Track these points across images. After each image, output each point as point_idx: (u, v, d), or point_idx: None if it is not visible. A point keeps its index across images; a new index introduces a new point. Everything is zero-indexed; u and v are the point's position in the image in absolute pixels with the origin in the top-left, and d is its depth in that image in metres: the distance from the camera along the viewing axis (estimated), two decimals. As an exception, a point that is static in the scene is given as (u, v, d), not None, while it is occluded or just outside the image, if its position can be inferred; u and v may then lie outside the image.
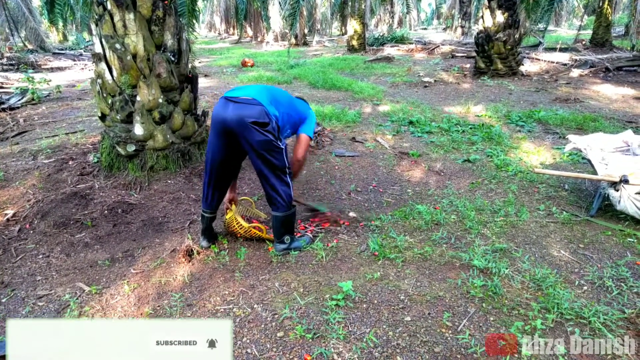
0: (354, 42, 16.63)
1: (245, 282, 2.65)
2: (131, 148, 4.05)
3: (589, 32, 15.40)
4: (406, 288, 2.52)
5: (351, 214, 3.52)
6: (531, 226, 3.27)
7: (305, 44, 22.82)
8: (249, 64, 12.98)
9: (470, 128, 5.89)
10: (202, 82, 9.77)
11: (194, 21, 7.76)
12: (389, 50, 16.29)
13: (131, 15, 3.86)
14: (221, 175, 2.90)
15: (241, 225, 3.03)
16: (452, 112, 6.89)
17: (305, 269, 2.77)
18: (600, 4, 14.57)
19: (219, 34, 37.69)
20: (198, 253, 2.99)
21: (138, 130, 4.03)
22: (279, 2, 21.24)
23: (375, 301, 2.40)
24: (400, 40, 18.90)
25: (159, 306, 2.46)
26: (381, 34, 21.13)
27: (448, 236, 3.13)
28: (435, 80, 9.86)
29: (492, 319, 2.23)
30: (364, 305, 2.36)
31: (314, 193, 4.03)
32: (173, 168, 4.23)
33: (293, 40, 21.98)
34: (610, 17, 14.40)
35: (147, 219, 3.56)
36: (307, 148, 3.06)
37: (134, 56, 3.96)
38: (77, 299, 2.57)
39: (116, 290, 2.64)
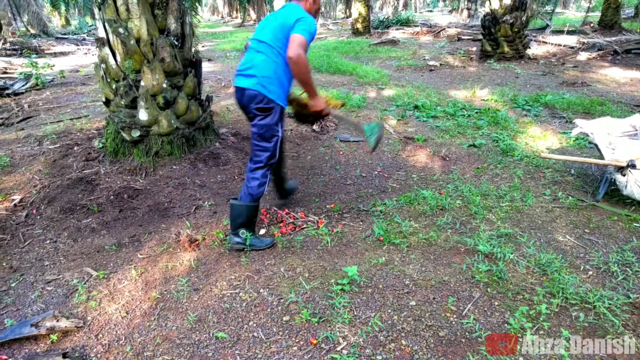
0: (359, 25, 16.41)
1: (251, 267, 2.67)
2: (136, 133, 4.04)
3: (598, 14, 15.09)
4: (411, 273, 2.53)
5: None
6: (537, 211, 3.26)
7: (310, 27, 22.55)
8: (253, 48, 12.85)
9: (476, 112, 5.84)
10: (206, 67, 9.70)
11: (197, 4, 7.68)
12: (394, 33, 16.08)
13: (134, -1, 3.81)
14: None
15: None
16: (458, 96, 6.83)
17: (311, 254, 2.78)
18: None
19: (222, 17, 37.36)
20: (204, 239, 3.01)
21: (142, 115, 4.02)
22: (282, -15, 20.96)
23: (381, 286, 2.41)
24: (406, 23, 18.63)
25: (166, 290, 2.49)
26: (386, 17, 20.83)
27: (453, 221, 3.13)
28: (440, 64, 9.75)
29: (496, 303, 2.24)
30: (369, 290, 2.38)
31: (319, 178, 4.03)
32: (178, 153, 4.23)
33: (297, 24, 21.70)
34: (619, -2, 14.09)
35: (152, 204, 3.58)
36: (300, 47, 2.49)
37: (138, 40, 3.93)
38: (84, 283, 2.61)
39: (123, 275, 2.67)
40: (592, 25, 14.37)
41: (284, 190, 3.46)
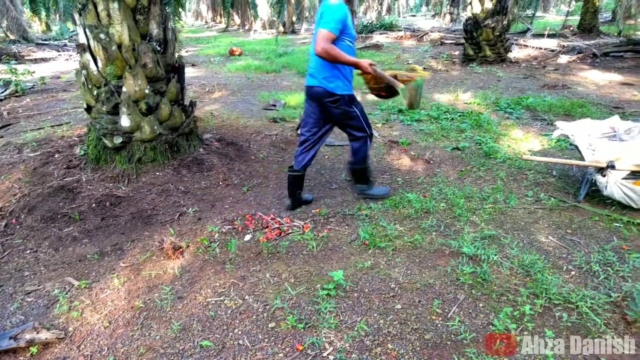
0: (343, 30, 16.48)
1: (236, 274, 2.65)
2: (118, 140, 3.99)
3: (577, 18, 15.43)
4: (397, 276, 2.53)
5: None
6: (519, 212, 3.30)
7: (294, 32, 22.61)
8: (237, 53, 12.84)
9: (459, 115, 5.90)
10: (189, 72, 9.66)
11: (180, 9, 7.64)
12: (377, 37, 16.20)
13: (115, 4, 3.77)
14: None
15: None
16: (441, 100, 6.90)
17: (296, 260, 2.78)
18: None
19: (205, 22, 37.19)
20: (188, 246, 2.98)
21: (124, 121, 3.97)
22: (267, -10, 20.99)
23: (366, 290, 2.41)
24: (389, 27, 18.80)
25: (149, 299, 2.45)
26: (370, 22, 20.98)
27: (438, 224, 3.15)
28: (424, 68, 9.84)
29: (481, 305, 2.26)
30: (355, 294, 2.38)
31: (304, 184, 4.02)
32: (161, 160, 4.18)
33: (281, 29, 21.75)
34: (597, 3, 14.44)
35: (135, 211, 3.53)
36: (324, 41, 2.73)
37: (119, 46, 3.89)
38: (66, 293, 2.55)
39: (106, 284, 2.63)
40: (571, 28, 14.70)
41: (297, 198, 3.51)
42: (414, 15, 39.74)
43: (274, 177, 4.18)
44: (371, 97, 7.12)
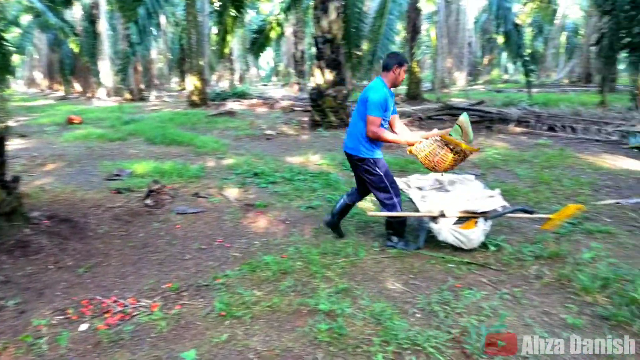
0: (195, 97, 16.53)
1: (68, 374, 2.24)
2: None
3: (405, 87, 18.05)
4: (255, 345, 2.42)
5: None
6: (368, 263, 3.51)
7: (143, 99, 21.82)
8: (76, 121, 11.81)
9: (311, 176, 6.22)
10: (18, 144, 8.55)
11: (8, 76, 6.81)
12: (231, 104, 16.58)
13: None
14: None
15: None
16: (294, 162, 7.22)
17: (143, 345, 2.47)
18: (410, 64, 17.37)
19: (41, 90, 33.70)
20: (5, 348, 2.45)
21: None
22: (110, 58, 20.11)
23: (223, 366, 2.25)
24: (242, 95, 19.46)
25: None
26: (223, 90, 21.49)
27: (295, 283, 3.15)
28: (277, 133, 10.30)
29: (339, 361, 2.27)
30: (211, 374, 2.19)
31: (153, 257, 3.71)
32: (-30, 246, 3.47)
33: (128, 96, 20.86)
34: (419, 75, 17.20)
35: None
36: (372, 126, 3.50)
37: None
38: None
39: None
40: (401, 96, 17.08)
41: (337, 224, 4.01)
42: (265, 85, 41.95)
43: (116, 253, 3.78)
44: (224, 162, 7.13)
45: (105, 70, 20.64)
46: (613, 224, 4.16)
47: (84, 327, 2.69)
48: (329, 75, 10.69)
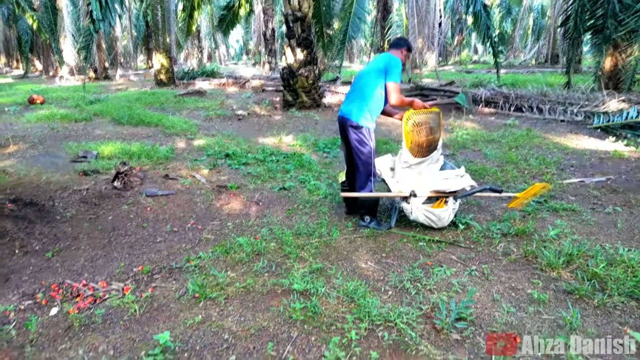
0: (162, 76, 16.05)
1: (40, 357, 2.20)
2: None
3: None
4: (230, 326, 2.43)
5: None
6: (342, 243, 3.55)
7: (107, 77, 21.06)
8: (38, 101, 11.28)
9: (284, 157, 6.19)
10: (-28, 124, 8.11)
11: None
12: (200, 84, 16.20)
13: None
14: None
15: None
16: (267, 143, 7.17)
17: (116, 328, 2.45)
18: (382, 44, 17.32)
19: (-2, 67, 31.94)
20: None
21: None
22: (72, 34, 19.18)
23: (198, 347, 2.25)
24: (211, 74, 19.01)
25: None
26: (191, 68, 20.91)
27: (269, 264, 3.17)
28: (248, 113, 10.15)
29: (313, 339, 2.31)
30: (185, 355, 2.20)
31: (123, 240, 3.65)
32: None
33: (92, 74, 20.08)
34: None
35: None
36: (396, 93, 3.60)
37: None
38: None
39: None
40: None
41: (352, 204, 4.09)
42: (235, 64, 41.14)
43: (85, 237, 3.69)
44: (194, 142, 7.00)
45: (68, 48, 19.70)
46: (577, 201, 4.34)
47: (54, 311, 2.64)
48: (300, 55, 10.54)
